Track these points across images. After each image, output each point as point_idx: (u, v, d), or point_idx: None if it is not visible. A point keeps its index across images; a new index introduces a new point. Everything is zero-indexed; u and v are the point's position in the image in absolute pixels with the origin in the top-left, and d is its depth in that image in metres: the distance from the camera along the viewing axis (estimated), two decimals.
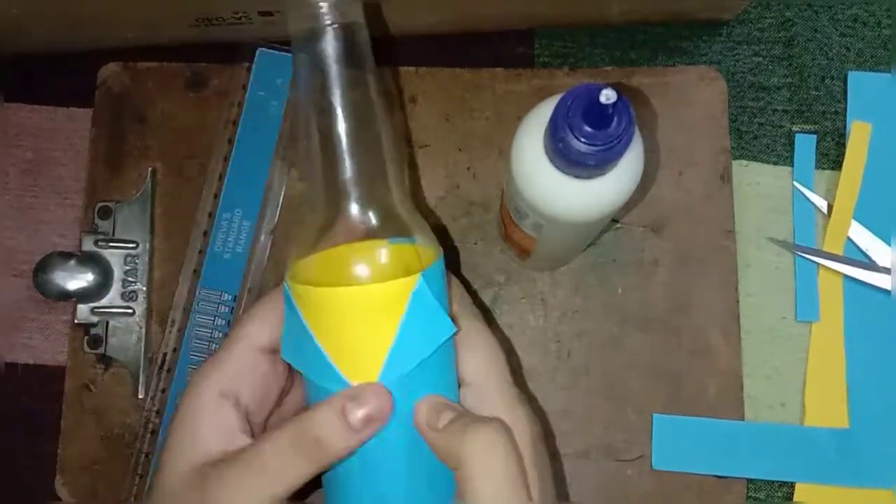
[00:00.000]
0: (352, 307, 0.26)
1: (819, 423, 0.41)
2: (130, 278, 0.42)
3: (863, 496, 0.40)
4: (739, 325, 0.42)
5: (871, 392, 0.41)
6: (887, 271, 0.42)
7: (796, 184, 0.44)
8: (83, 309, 0.42)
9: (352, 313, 0.26)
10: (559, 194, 0.28)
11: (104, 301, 0.42)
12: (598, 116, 0.25)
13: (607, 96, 0.24)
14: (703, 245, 0.43)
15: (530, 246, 0.36)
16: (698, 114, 0.44)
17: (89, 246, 0.42)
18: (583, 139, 0.25)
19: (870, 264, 0.42)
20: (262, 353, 0.29)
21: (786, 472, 0.41)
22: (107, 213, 0.43)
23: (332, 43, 0.27)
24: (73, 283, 0.41)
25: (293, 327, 0.27)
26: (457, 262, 0.43)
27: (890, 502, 0.40)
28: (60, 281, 0.41)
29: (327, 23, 0.27)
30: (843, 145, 0.44)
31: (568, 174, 0.27)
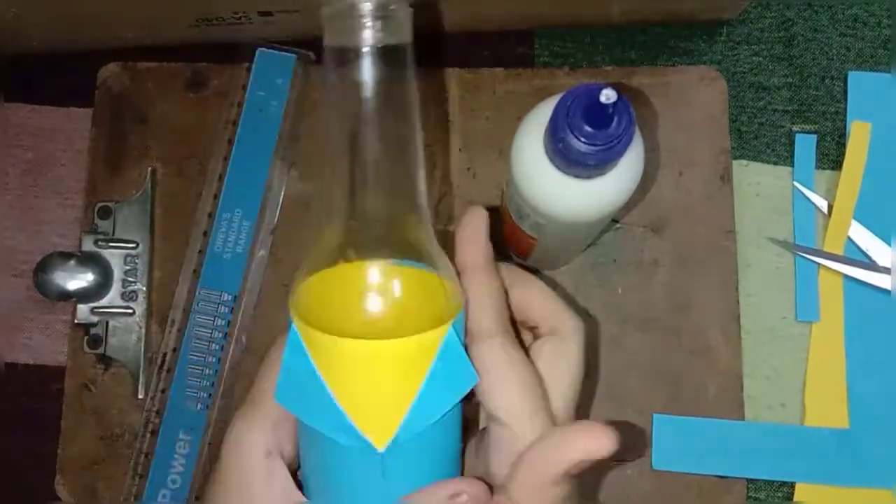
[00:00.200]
0: (377, 361, 0.24)
1: (819, 423, 0.41)
2: (130, 278, 0.42)
3: (863, 496, 0.40)
4: (739, 325, 0.42)
5: (871, 392, 0.41)
6: (887, 271, 0.42)
7: (796, 184, 0.44)
8: (83, 309, 0.42)
9: (376, 367, 0.24)
10: (559, 194, 0.28)
11: (104, 301, 0.42)
12: (598, 116, 0.25)
13: (607, 96, 0.24)
14: (703, 245, 0.43)
15: (530, 246, 0.36)
16: (698, 114, 0.44)
17: (89, 246, 0.42)
18: (583, 139, 0.25)
19: (870, 264, 0.42)
20: None
21: (786, 472, 0.41)
22: (107, 213, 0.43)
23: (373, 67, 0.24)
24: (73, 283, 0.41)
25: (297, 369, 0.25)
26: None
27: (890, 502, 0.40)
28: (60, 281, 0.41)
29: (370, 43, 0.23)
30: (843, 145, 0.44)
31: (568, 174, 0.27)
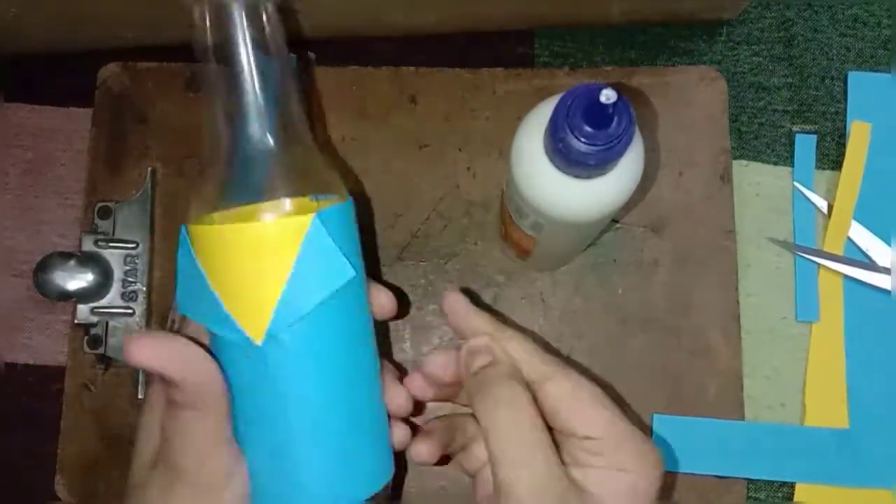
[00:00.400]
0: (244, 245, 0.25)
1: (819, 424, 0.41)
2: (130, 278, 0.42)
3: (863, 496, 0.40)
4: (739, 325, 0.42)
5: (871, 392, 0.41)
6: (887, 271, 0.42)
7: (796, 184, 0.44)
8: (83, 309, 0.42)
9: (245, 251, 0.25)
10: (559, 194, 0.28)
11: (104, 301, 0.42)
12: (598, 116, 0.25)
13: (607, 96, 0.24)
14: (703, 245, 0.43)
15: (530, 246, 0.36)
16: (698, 114, 0.44)
17: (89, 246, 0.42)
18: (583, 139, 0.25)
19: (870, 264, 0.42)
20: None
21: (786, 472, 0.41)
22: (107, 213, 0.43)
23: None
24: (73, 283, 0.41)
25: (188, 274, 0.27)
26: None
27: (890, 502, 0.40)
28: (60, 281, 0.41)
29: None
30: (843, 145, 0.44)
31: (568, 174, 0.27)
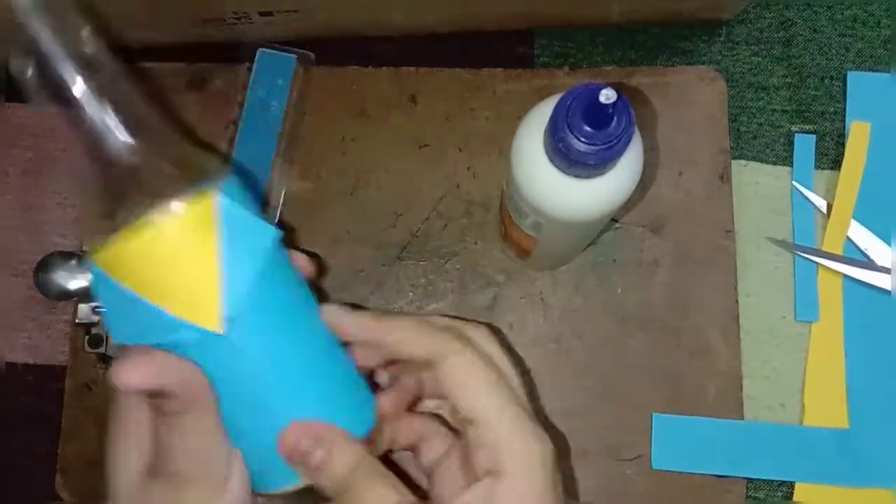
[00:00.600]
0: (165, 247, 0.25)
1: (818, 423, 0.41)
2: None
3: (863, 496, 0.40)
4: (739, 326, 0.42)
5: (871, 392, 0.41)
6: (887, 271, 0.42)
7: (795, 184, 0.44)
8: (84, 308, 0.42)
9: (168, 253, 0.25)
10: (559, 194, 0.28)
11: None
12: (597, 116, 0.25)
13: (607, 96, 0.24)
14: (703, 245, 0.43)
15: (530, 246, 0.36)
16: (698, 114, 0.44)
17: None
18: (583, 139, 0.25)
19: (869, 264, 0.42)
20: None
21: (785, 471, 0.41)
22: None
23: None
24: (74, 282, 0.41)
25: (115, 303, 0.26)
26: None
27: (890, 502, 0.40)
28: (61, 281, 0.41)
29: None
30: (843, 145, 0.44)
31: (568, 174, 0.27)
